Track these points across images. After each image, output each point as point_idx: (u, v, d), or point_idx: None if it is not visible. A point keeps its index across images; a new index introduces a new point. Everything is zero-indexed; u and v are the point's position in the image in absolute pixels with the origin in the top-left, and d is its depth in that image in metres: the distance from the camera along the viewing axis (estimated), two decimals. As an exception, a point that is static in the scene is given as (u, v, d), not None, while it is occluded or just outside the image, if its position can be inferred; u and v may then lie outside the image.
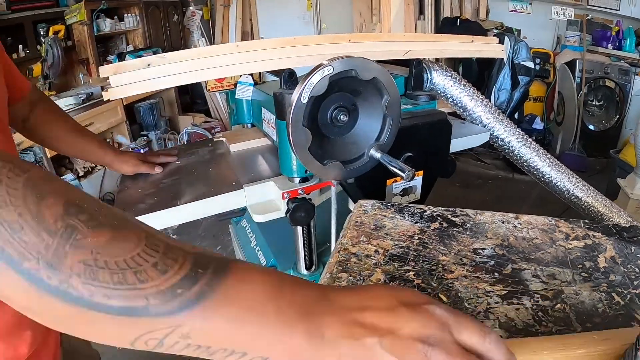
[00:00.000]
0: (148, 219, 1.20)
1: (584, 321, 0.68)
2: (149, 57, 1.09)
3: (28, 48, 3.95)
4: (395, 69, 1.53)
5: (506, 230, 0.92)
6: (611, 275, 0.78)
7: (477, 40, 1.56)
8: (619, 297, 0.72)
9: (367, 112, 1.17)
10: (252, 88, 1.60)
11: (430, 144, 1.39)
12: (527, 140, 1.68)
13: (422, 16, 5.05)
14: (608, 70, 4.74)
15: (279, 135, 1.25)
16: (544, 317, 0.69)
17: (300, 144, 1.07)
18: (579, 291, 0.74)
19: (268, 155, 1.54)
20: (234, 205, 1.32)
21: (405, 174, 1.08)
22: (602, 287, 0.75)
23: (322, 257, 1.65)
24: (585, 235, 0.90)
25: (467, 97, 1.57)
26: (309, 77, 1.03)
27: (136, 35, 5.15)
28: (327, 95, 1.09)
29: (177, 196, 1.28)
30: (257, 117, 1.64)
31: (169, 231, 3.96)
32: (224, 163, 1.54)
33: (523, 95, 4.70)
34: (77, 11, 4.23)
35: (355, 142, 1.18)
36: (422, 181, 1.41)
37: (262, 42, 1.17)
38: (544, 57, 5.10)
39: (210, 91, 1.61)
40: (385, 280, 0.78)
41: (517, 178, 4.61)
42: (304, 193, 1.28)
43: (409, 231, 0.92)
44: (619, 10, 5.01)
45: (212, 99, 5.74)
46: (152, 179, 1.44)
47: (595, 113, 5.01)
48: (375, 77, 1.09)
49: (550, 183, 1.74)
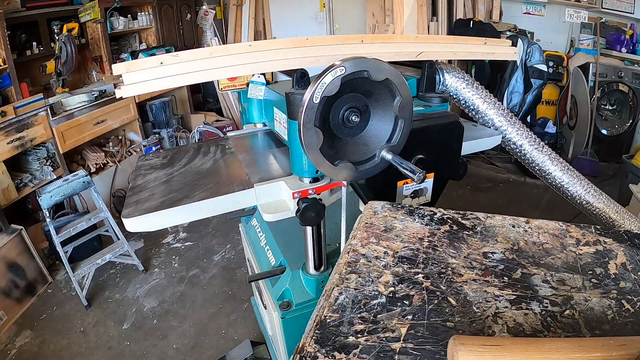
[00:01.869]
0: (160, 216, 1.21)
1: (592, 328, 0.67)
2: (162, 56, 1.09)
3: (42, 45, 3.99)
4: (408, 71, 1.52)
5: (516, 235, 0.92)
6: (621, 282, 0.77)
7: (490, 42, 1.55)
8: (628, 304, 0.72)
9: (378, 113, 1.17)
10: (264, 87, 1.61)
11: (442, 146, 1.38)
12: (539, 144, 1.67)
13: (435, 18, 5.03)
14: (622, 74, 4.69)
15: (290, 135, 1.25)
16: (553, 323, 0.68)
17: (311, 144, 1.07)
18: (589, 297, 0.74)
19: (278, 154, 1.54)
20: (244, 204, 1.33)
21: (416, 176, 1.08)
22: (612, 294, 0.74)
23: (331, 258, 1.65)
24: (596, 241, 0.89)
25: (480, 100, 1.57)
26: (321, 77, 1.03)
27: (149, 33, 5.18)
28: (339, 96, 1.09)
29: (189, 194, 1.29)
30: (269, 116, 1.64)
31: (179, 229, 3.98)
32: (235, 162, 1.54)
33: (536, 99, 4.65)
34: (91, 9, 4.27)
35: (367, 143, 1.18)
36: (432, 183, 1.41)
37: (274, 42, 1.18)
38: (557, 60, 5.05)
39: (223, 90, 1.62)
40: (394, 282, 0.78)
41: (528, 182, 4.58)
42: (314, 193, 1.29)
43: (418, 233, 0.92)
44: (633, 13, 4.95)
45: (224, 97, 5.76)
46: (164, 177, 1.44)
47: (608, 117, 4.95)
48: (388, 78, 1.09)
49: (561, 187, 1.73)
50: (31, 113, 3.43)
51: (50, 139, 3.63)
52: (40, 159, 3.63)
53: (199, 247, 3.81)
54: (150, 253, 3.77)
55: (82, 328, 2.98)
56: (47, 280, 3.42)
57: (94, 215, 3.38)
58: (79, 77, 4.64)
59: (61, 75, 3.95)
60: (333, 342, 0.66)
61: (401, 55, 1.33)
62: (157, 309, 3.13)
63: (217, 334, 2.86)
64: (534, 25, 5.31)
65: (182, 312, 3.08)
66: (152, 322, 3.00)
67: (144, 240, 3.91)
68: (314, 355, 0.64)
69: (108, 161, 4.28)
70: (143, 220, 1.21)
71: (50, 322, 3.04)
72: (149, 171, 1.51)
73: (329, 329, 0.69)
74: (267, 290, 1.76)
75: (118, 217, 3.62)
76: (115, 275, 3.52)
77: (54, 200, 3.03)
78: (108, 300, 3.25)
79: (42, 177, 3.61)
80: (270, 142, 1.72)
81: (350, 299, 0.75)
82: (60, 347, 2.82)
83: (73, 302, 3.22)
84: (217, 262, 3.59)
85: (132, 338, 2.87)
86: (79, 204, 3.94)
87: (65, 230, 3.17)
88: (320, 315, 0.71)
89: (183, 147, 1.73)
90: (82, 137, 3.92)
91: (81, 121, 3.86)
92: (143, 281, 3.43)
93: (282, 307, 1.61)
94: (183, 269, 3.54)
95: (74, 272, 3.12)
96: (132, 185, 1.42)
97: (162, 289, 3.33)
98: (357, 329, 0.69)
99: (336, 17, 5.82)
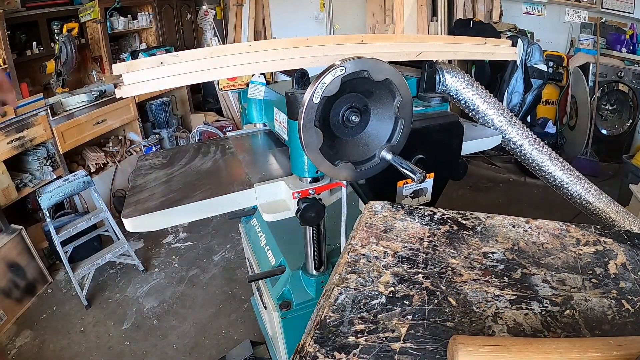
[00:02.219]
0: (160, 216, 1.21)
1: (592, 328, 0.67)
2: (162, 56, 1.09)
3: (42, 45, 4.00)
4: (408, 71, 1.52)
5: (516, 235, 0.92)
6: (621, 282, 0.77)
7: (489, 42, 1.55)
8: (628, 304, 0.72)
9: (378, 113, 1.17)
10: (264, 88, 1.61)
11: (442, 146, 1.38)
12: (539, 144, 1.67)
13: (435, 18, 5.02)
14: (622, 74, 4.69)
15: (290, 135, 1.25)
16: (553, 323, 0.68)
17: (311, 144, 1.07)
18: (589, 297, 0.74)
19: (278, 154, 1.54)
20: (244, 204, 1.33)
21: (416, 176, 1.08)
22: (612, 294, 0.74)
23: (332, 258, 1.65)
24: (596, 241, 0.89)
25: (480, 100, 1.56)
26: (321, 77, 1.03)
27: (149, 33, 5.18)
28: (339, 96, 1.09)
29: (189, 194, 1.29)
30: (269, 116, 1.64)
31: (179, 228, 3.98)
32: (235, 162, 1.54)
33: (536, 98, 4.65)
34: (91, 9, 4.27)
35: (367, 143, 1.18)
36: (433, 183, 1.41)
37: (274, 42, 1.17)
38: (557, 60, 5.05)
39: (223, 90, 1.62)
40: (394, 282, 0.78)
41: (528, 182, 4.58)
42: (314, 193, 1.28)
43: (418, 233, 0.92)
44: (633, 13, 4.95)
45: (224, 97, 5.77)
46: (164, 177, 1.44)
47: (608, 117, 4.95)
48: (388, 78, 1.09)
49: (561, 187, 1.73)
50: (31, 113, 3.43)
51: (50, 139, 3.62)
52: (40, 159, 3.62)
53: (199, 247, 3.81)
54: (150, 253, 3.77)
55: (82, 328, 2.98)
56: (47, 280, 3.42)
57: (94, 215, 3.38)
58: (79, 77, 4.64)
59: (61, 75, 3.95)
60: (333, 342, 0.66)
61: (401, 55, 1.32)
62: (157, 309, 3.13)
63: (217, 334, 2.86)
64: (534, 25, 5.31)
65: (182, 312, 3.08)
66: (152, 322, 3.00)
67: (144, 240, 3.91)
68: (314, 355, 0.64)
69: (108, 161, 4.28)
70: (143, 220, 1.20)
71: (50, 322, 3.04)
72: (149, 171, 1.51)
73: (329, 329, 0.69)
74: (267, 290, 1.76)
75: (118, 217, 3.62)
76: (115, 275, 3.52)
77: (54, 200, 3.03)
78: (108, 300, 3.25)
79: (42, 177, 3.61)
80: (270, 142, 1.72)
81: (350, 299, 0.75)
82: (60, 347, 2.82)
83: (73, 302, 3.22)
84: (217, 262, 3.59)
85: (132, 338, 2.87)
86: (79, 204, 3.94)
87: (65, 230, 3.17)
88: (320, 315, 0.71)
89: (183, 147, 1.72)
90: (82, 137, 3.92)
91: (81, 121, 3.86)
92: (143, 281, 3.43)
93: (282, 307, 1.61)
94: (183, 269, 3.54)
95: (74, 272, 3.12)
96: (132, 185, 1.42)
97: (162, 289, 3.33)
98: (357, 329, 0.69)
99: (336, 17, 5.82)
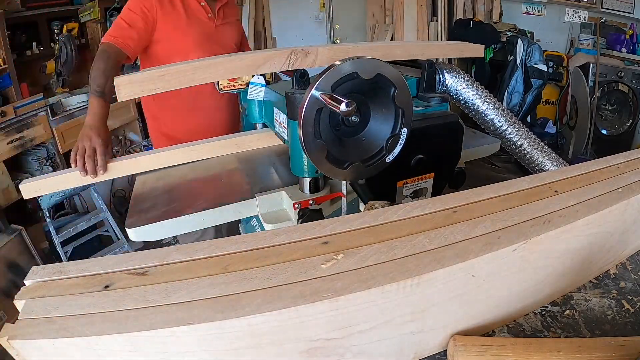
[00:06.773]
0: (162, 226, 1.26)
1: (592, 328, 0.67)
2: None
3: (42, 45, 4.00)
4: (408, 71, 1.52)
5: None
6: (621, 282, 0.77)
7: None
8: (629, 304, 0.72)
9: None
10: (264, 89, 1.60)
11: (442, 146, 1.38)
12: (539, 144, 1.67)
13: (435, 18, 5.03)
14: (622, 74, 4.68)
15: (290, 135, 1.25)
16: (553, 323, 0.68)
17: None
18: (589, 297, 0.74)
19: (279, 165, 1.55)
20: (246, 214, 1.35)
21: (343, 104, 0.94)
22: (612, 294, 0.74)
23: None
24: (596, 241, 0.89)
25: (480, 100, 1.56)
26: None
27: (149, 33, 5.18)
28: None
29: (191, 203, 1.31)
30: (269, 116, 1.64)
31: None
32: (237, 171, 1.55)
33: (536, 99, 4.65)
34: (91, 9, 4.27)
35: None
36: (432, 183, 1.41)
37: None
38: (557, 60, 5.04)
39: (223, 90, 1.62)
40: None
41: (528, 182, 4.57)
42: (315, 203, 1.28)
43: (418, 234, 0.92)
44: (633, 13, 4.95)
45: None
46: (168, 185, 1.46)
47: (608, 117, 4.95)
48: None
49: (561, 187, 1.73)
50: (31, 113, 3.43)
51: (50, 139, 3.62)
52: (40, 159, 3.62)
53: (199, 247, 3.79)
54: (150, 253, 3.75)
55: (82, 328, 2.98)
56: (47, 280, 3.41)
57: (94, 216, 3.38)
58: (79, 77, 4.63)
59: (61, 76, 3.94)
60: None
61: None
62: (157, 309, 3.12)
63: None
64: (534, 25, 5.31)
65: (182, 312, 3.07)
66: (152, 322, 2.99)
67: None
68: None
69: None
70: (147, 230, 1.26)
71: (51, 322, 3.03)
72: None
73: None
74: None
75: (118, 217, 3.63)
76: (115, 276, 3.51)
77: (54, 201, 3.03)
78: (108, 301, 3.24)
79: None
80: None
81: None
82: (60, 347, 2.81)
83: (73, 302, 3.21)
84: (217, 262, 3.57)
85: (132, 338, 2.86)
86: (79, 204, 3.94)
87: (66, 231, 3.17)
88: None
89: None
90: (82, 137, 3.90)
91: (81, 121, 3.81)
92: (143, 281, 3.42)
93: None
94: (183, 269, 3.53)
95: (74, 272, 3.11)
96: (134, 196, 1.44)
97: (162, 289, 3.32)
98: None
99: (336, 17, 5.83)
